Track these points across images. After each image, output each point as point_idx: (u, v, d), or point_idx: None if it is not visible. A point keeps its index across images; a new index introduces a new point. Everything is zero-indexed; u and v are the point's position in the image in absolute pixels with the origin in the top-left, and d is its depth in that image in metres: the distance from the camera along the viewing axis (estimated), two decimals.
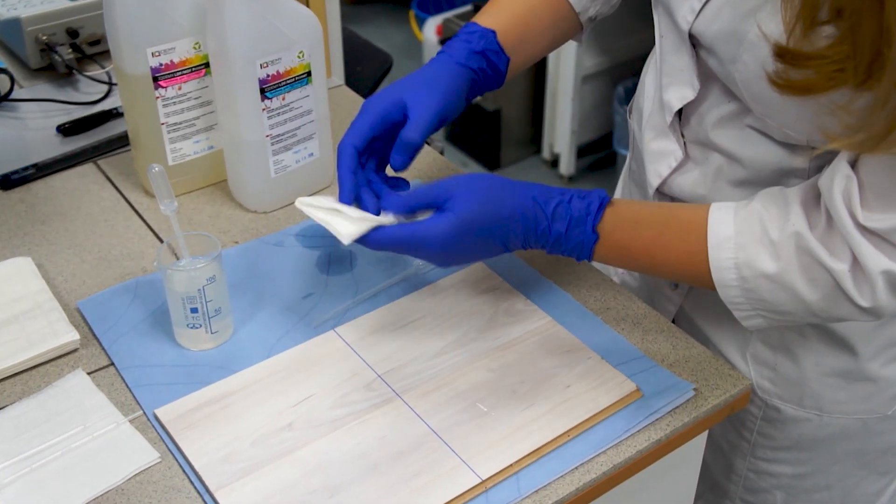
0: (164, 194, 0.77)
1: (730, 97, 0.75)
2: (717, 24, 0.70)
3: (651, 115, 0.83)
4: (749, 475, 0.90)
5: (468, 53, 0.79)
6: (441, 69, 0.78)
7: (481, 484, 0.68)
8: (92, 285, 0.86)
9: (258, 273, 0.87)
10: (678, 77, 0.77)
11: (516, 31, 0.82)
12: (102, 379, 0.77)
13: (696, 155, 0.80)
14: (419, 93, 0.76)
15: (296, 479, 0.68)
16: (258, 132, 0.91)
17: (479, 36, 0.80)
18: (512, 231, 0.72)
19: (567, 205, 0.72)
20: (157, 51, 0.90)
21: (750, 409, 0.86)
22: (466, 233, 0.70)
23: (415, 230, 0.71)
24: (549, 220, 0.72)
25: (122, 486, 0.68)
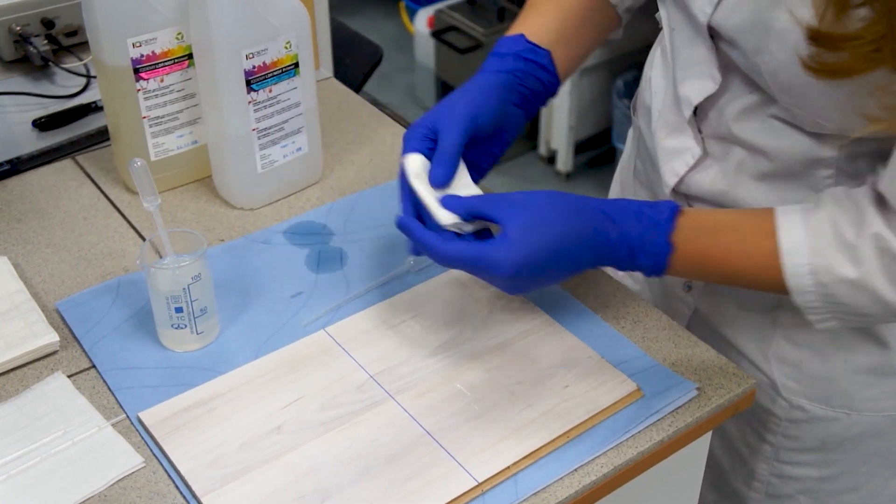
0: (146, 190, 0.77)
1: (751, 88, 0.75)
2: (739, 14, 0.71)
3: (663, 112, 0.83)
4: (772, 480, 0.90)
5: (498, 61, 0.81)
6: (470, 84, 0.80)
7: (478, 487, 0.68)
8: (71, 285, 0.87)
9: (245, 272, 0.88)
10: (695, 70, 0.77)
11: (549, 28, 0.83)
12: (83, 382, 0.77)
13: (716, 150, 0.80)
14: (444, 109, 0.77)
15: (285, 484, 0.68)
16: (244, 126, 0.91)
17: (509, 42, 0.82)
18: (584, 249, 0.71)
19: (637, 216, 0.72)
20: (137, 41, 0.90)
21: (773, 410, 0.87)
22: (538, 256, 0.70)
23: (482, 251, 0.70)
24: (620, 234, 0.72)
25: (105, 492, 0.69)
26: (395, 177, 1.01)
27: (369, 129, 1.09)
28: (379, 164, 1.04)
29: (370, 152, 1.05)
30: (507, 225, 0.70)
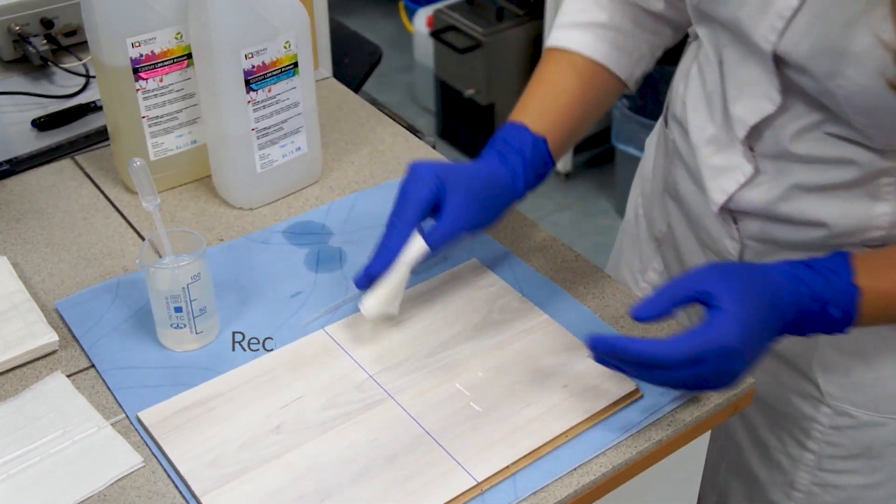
0: (146, 190, 0.77)
1: (812, 107, 0.73)
2: (808, 41, 0.69)
3: (705, 128, 0.81)
4: (813, 490, 0.90)
5: (499, 156, 0.80)
6: (480, 171, 0.79)
7: (477, 486, 0.68)
8: (71, 285, 0.87)
9: (244, 271, 0.88)
10: (749, 90, 0.75)
11: (553, 118, 0.82)
12: (83, 381, 0.77)
13: (768, 167, 0.78)
14: (457, 195, 0.76)
15: (285, 484, 0.68)
16: (243, 126, 0.91)
17: (513, 133, 0.81)
18: (787, 307, 0.69)
19: (812, 270, 0.70)
20: (137, 41, 0.90)
21: (816, 417, 0.86)
22: (755, 321, 0.67)
23: (707, 333, 0.66)
24: (809, 289, 0.69)
25: (105, 491, 0.69)
26: (394, 176, 1.01)
27: (368, 129, 1.09)
28: (378, 163, 1.04)
29: (369, 152, 1.05)
30: (721, 297, 0.67)
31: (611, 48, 0.85)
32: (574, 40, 0.85)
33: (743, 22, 0.73)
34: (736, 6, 0.73)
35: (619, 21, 0.85)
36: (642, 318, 0.69)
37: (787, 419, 0.89)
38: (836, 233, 0.77)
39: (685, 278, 0.70)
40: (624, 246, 1.07)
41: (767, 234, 0.82)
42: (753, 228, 0.82)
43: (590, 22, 0.85)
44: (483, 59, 2.46)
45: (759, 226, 0.81)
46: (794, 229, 0.80)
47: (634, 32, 0.86)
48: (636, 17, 0.87)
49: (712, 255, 0.88)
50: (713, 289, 0.68)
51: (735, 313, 0.67)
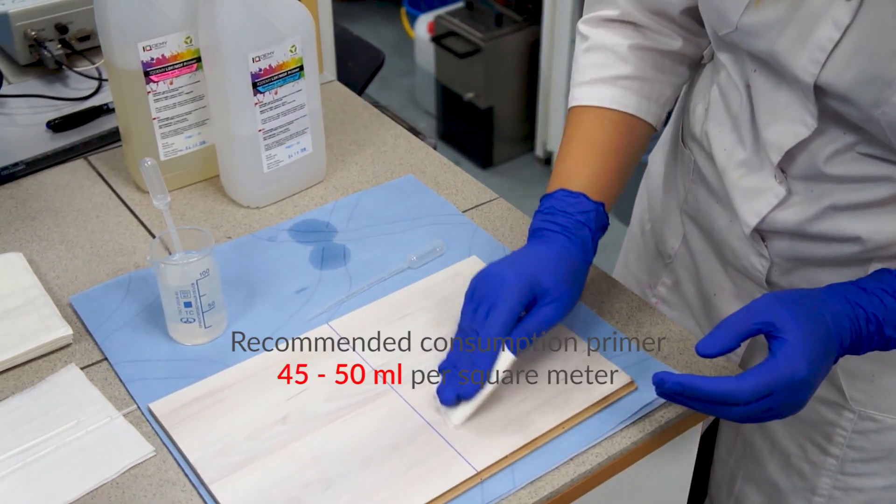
0: (157, 188, 0.77)
1: (847, 129, 0.72)
2: (851, 71, 0.68)
3: (734, 151, 0.80)
4: (835, 494, 0.89)
5: (564, 233, 0.76)
6: (560, 259, 0.74)
7: (476, 475, 0.69)
8: (84, 281, 0.87)
9: (251, 268, 0.88)
10: (783, 114, 0.74)
11: (602, 179, 0.80)
12: (96, 374, 0.77)
13: (800, 189, 0.77)
14: (560, 286, 0.72)
15: (290, 473, 0.69)
16: (250, 127, 0.92)
17: (569, 202, 0.78)
18: (844, 332, 0.69)
19: (867, 292, 0.69)
20: (148, 45, 0.90)
21: (839, 422, 0.86)
22: (818, 348, 0.66)
23: (775, 366, 0.65)
24: (865, 311, 0.69)
25: (117, 479, 0.69)
26: (396, 176, 1.01)
27: (371, 131, 1.09)
28: (381, 163, 1.04)
29: (372, 153, 1.06)
30: (785, 329, 0.66)
31: (640, 98, 0.83)
32: (605, 97, 0.82)
33: (780, 55, 0.71)
34: (771, 40, 0.72)
35: (642, 70, 0.84)
36: (708, 353, 0.68)
37: (809, 425, 0.88)
38: (870, 247, 0.76)
39: (746, 311, 0.68)
40: (629, 259, 1.06)
41: (798, 252, 0.81)
42: (783, 246, 0.81)
43: (615, 76, 0.83)
44: (482, 63, 2.46)
45: (789, 244, 0.80)
46: (826, 246, 0.79)
47: (657, 78, 0.85)
48: (656, 62, 0.85)
49: (733, 272, 0.87)
50: (777, 320, 0.67)
51: (801, 344, 0.66)
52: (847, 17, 0.67)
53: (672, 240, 0.96)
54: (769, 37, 0.72)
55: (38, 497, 0.67)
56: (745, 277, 0.86)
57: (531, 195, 2.51)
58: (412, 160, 1.04)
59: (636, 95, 0.83)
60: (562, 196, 0.79)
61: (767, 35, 0.72)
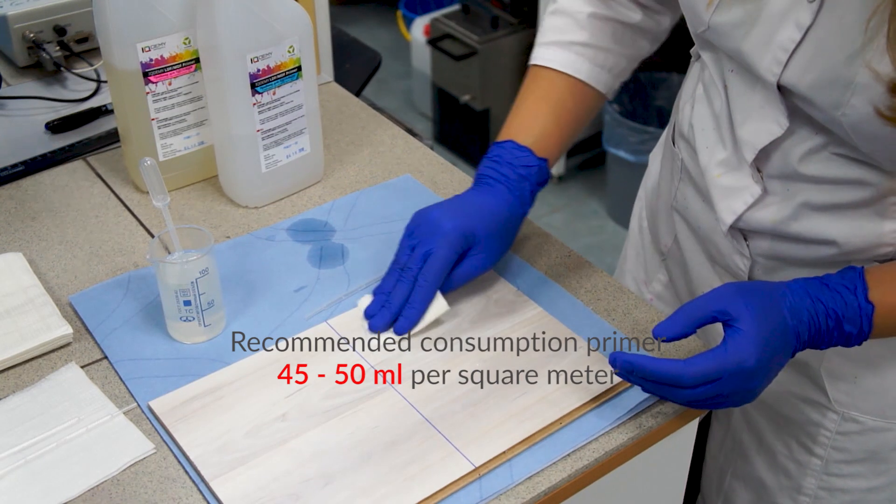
0: (156, 189, 0.78)
1: (819, 130, 0.73)
2: (812, 73, 0.69)
3: (714, 150, 0.81)
4: (820, 494, 0.90)
5: (507, 183, 0.82)
6: (495, 210, 0.80)
7: (474, 471, 0.69)
8: (84, 280, 0.87)
9: (250, 267, 0.89)
10: (757, 114, 0.75)
11: (550, 138, 0.84)
12: (96, 372, 0.78)
13: (776, 188, 0.78)
14: (483, 247, 0.80)
15: (290, 469, 0.69)
16: (249, 127, 0.92)
17: (509, 152, 0.83)
18: (800, 325, 0.69)
19: (826, 288, 0.70)
20: (146, 46, 0.91)
21: (823, 423, 0.86)
22: (769, 339, 0.67)
23: (725, 353, 0.67)
24: (824, 306, 0.69)
25: (118, 476, 0.69)
26: (393, 175, 1.02)
27: (368, 131, 1.10)
28: (378, 163, 1.04)
29: (370, 153, 1.06)
30: (739, 318, 0.67)
31: (592, 66, 0.86)
32: (558, 60, 0.86)
33: (746, 54, 0.73)
34: (739, 39, 0.73)
35: (598, 39, 0.87)
36: (664, 336, 0.69)
37: (794, 425, 0.89)
38: (846, 250, 0.77)
39: (705, 298, 0.70)
40: (628, 256, 1.07)
41: (777, 252, 0.81)
42: (763, 246, 0.82)
43: (571, 41, 0.86)
44: (478, 66, 2.47)
45: (769, 244, 0.81)
46: (804, 247, 0.79)
47: (613, 49, 0.87)
48: (615, 33, 0.87)
49: (721, 271, 0.88)
50: (732, 309, 0.68)
51: (753, 334, 0.67)
52: (808, 18, 0.68)
53: (665, 237, 0.97)
54: (736, 36, 0.73)
55: (39, 494, 0.67)
56: (730, 276, 0.87)
57: None
58: (409, 160, 1.05)
59: (588, 62, 0.86)
60: (510, 148, 0.84)
61: (735, 34, 0.73)
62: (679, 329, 0.69)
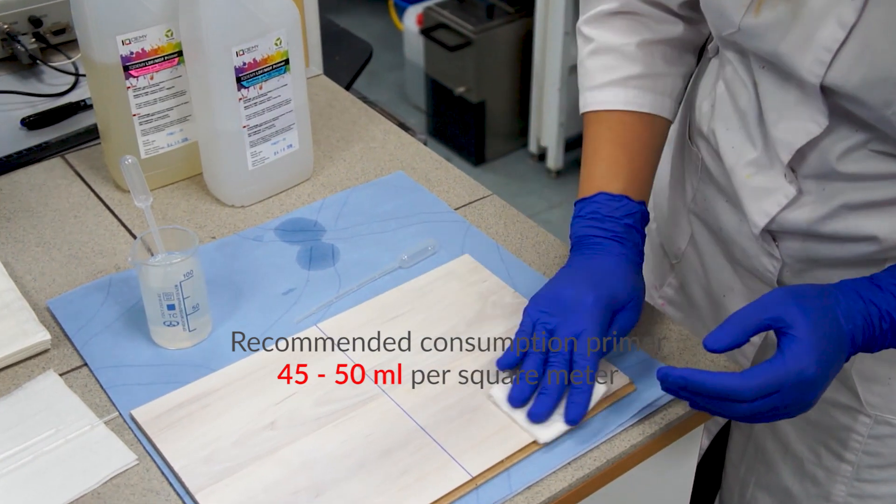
0: (138, 188, 0.78)
1: (858, 127, 0.72)
2: (859, 72, 0.68)
3: (743, 150, 0.80)
4: (851, 501, 0.89)
5: (618, 240, 0.79)
6: (623, 276, 0.77)
7: (471, 481, 0.69)
8: (62, 284, 0.87)
9: (237, 269, 0.88)
10: (792, 112, 0.74)
11: (638, 179, 0.82)
12: (75, 380, 0.77)
13: (811, 188, 0.77)
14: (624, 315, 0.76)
15: (279, 479, 0.69)
16: (235, 123, 0.92)
17: (607, 205, 0.80)
18: (853, 337, 0.69)
19: (881, 289, 0.70)
20: (127, 38, 0.90)
21: (854, 427, 0.86)
22: (827, 346, 0.67)
23: (783, 364, 0.66)
24: (878, 308, 0.69)
25: (99, 489, 0.69)
26: (385, 173, 1.02)
27: (360, 126, 1.10)
28: (370, 160, 1.04)
29: (361, 149, 1.06)
30: (795, 325, 0.67)
31: (654, 95, 0.85)
32: (620, 100, 0.84)
33: (784, 56, 0.72)
34: (775, 41, 0.72)
35: (651, 67, 0.85)
36: (715, 348, 0.68)
37: (823, 430, 0.89)
38: (887, 247, 0.77)
39: (756, 305, 0.69)
40: None
41: (810, 253, 0.81)
42: (794, 247, 0.81)
43: (626, 76, 0.84)
44: (473, 56, 2.47)
45: (801, 244, 0.81)
46: (839, 246, 0.79)
47: (668, 71, 0.86)
48: (665, 55, 0.86)
49: (744, 273, 0.88)
50: (787, 316, 0.67)
51: (811, 342, 0.66)
52: (852, 16, 0.67)
53: (679, 240, 0.96)
54: (772, 38, 0.72)
55: None
56: (755, 278, 0.86)
57: (525, 192, 2.52)
58: (402, 156, 1.05)
59: (650, 93, 0.84)
60: (604, 200, 0.80)
61: (770, 37, 0.72)
62: (731, 340, 0.68)
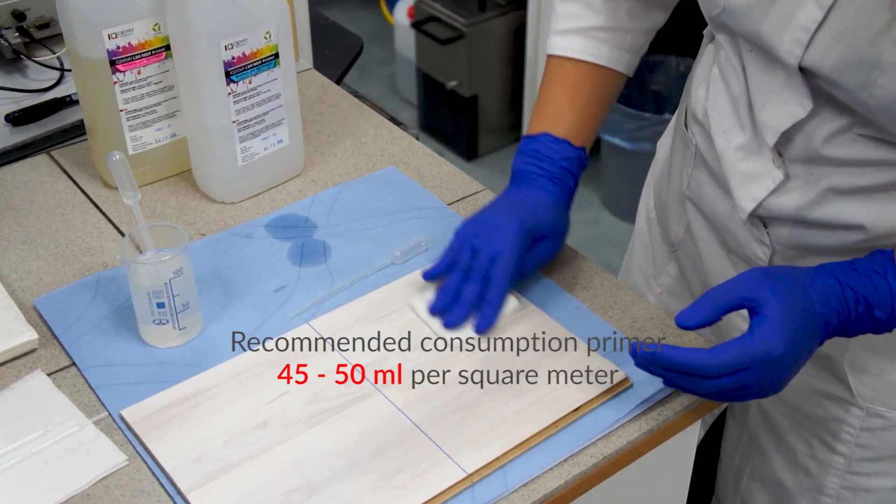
0: (126, 184, 0.77)
1: (842, 111, 0.73)
2: (835, 54, 0.69)
3: (732, 134, 0.81)
4: (843, 494, 0.90)
5: (552, 179, 0.85)
6: (546, 208, 0.84)
7: (467, 478, 0.69)
8: (49, 282, 0.87)
9: (227, 266, 0.88)
10: (778, 96, 0.75)
11: (583, 126, 0.88)
12: (63, 380, 0.77)
13: (799, 172, 0.78)
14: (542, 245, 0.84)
15: (272, 479, 0.69)
16: (224, 118, 0.92)
17: (546, 146, 0.87)
18: (827, 319, 0.70)
19: (855, 273, 0.71)
20: (113, 33, 0.90)
21: (846, 419, 0.87)
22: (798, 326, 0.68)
23: (752, 341, 0.67)
24: (854, 291, 0.70)
25: (89, 490, 0.69)
26: (377, 168, 1.02)
27: (351, 121, 1.10)
28: (361, 155, 1.04)
29: (352, 143, 1.06)
30: (766, 304, 0.68)
31: (612, 49, 0.88)
32: (577, 48, 0.88)
33: (764, 36, 0.73)
34: (756, 20, 0.73)
35: (615, 20, 0.88)
36: (687, 325, 0.69)
37: (815, 422, 0.89)
38: (874, 235, 0.77)
39: (729, 285, 0.70)
40: (635, 250, 1.07)
41: (799, 240, 0.82)
42: (784, 234, 0.82)
43: (588, 27, 0.88)
44: (465, 50, 2.47)
45: (791, 231, 0.82)
46: (828, 234, 0.80)
47: (631, 27, 0.89)
48: (630, 10, 0.89)
49: (737, 260, 0.88)
50: (759, 295, 0.68)
51: (780, 321, 0.67)
52: None
53: (676, 227, 0.97)
54: (754, 18, 0.73)
55: None
56: (747, 266, 0.87)
57: None
58: (394, 151, 1.05)
59: (608, 46, 0.88)
60: (547, 141, 0.87)
61: (752, 16, 0.74)
62: (703, 316, 0.69)
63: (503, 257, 0.80)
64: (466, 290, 0.80)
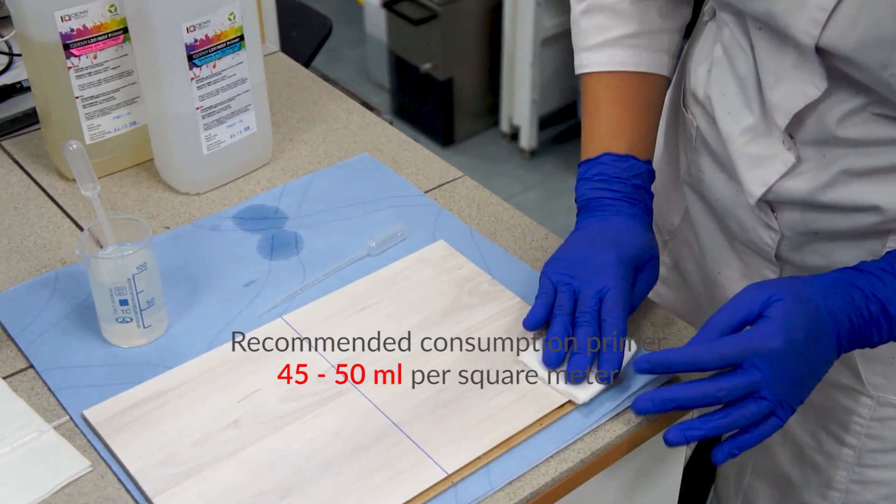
0: (84, 176, 0.77)
1: (857, 90, 0.73)
2: (855, 33, 0.69)
3: (739, 116, 0.81)
4: (852, 488, 0.90)
5: (628, 201, 0.82)
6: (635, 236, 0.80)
7: (448, 478, 0.69)
8: (3, 280, 0.86)
9: (193, 260, 0.88)
10: (789, 75, 0.75)
11: (644, 139, 0.85)
12: (20, 383, 0.77)
13: (811, 155, 0.78)
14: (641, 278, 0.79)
15: (244, 481, 0.69)
16: (187, 104, 0.91)
17: (613, 166, 0.83)
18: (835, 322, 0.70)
19: (863, 273, 0.71)
20: (66, 14, 0.89)
21: (856, 409, 0.87)
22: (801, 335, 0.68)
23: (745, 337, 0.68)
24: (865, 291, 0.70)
25: (50, 499, 0.68)
26: (350, 155, 1.02)
27: (321, 106, 1.09)
28: (333, 142, 1.04)
29: (323, 130, 1.06)
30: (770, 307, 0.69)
31: (650, 53, 0.86)
32: (615, 60, 0.86)
33: (778, 16, 0.73)
34: (769, 1, 0.73)
35: (647, 24, 0.86)
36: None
37: (823, 413, 0.90)
38: (890, 217, 0.78)
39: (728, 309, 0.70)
40: None
41: (810, 224, 0.82)
42: (794, 218, 0.82)
43: (620, 36, 0.86)
44: (440, 31, 2.46)
45: (800, 215, 0.82)
46: (841, 217, 0.80)
47: (663, 27, 0.87)
48: (660, 10, 0.87)
49: (741, 248, 0.89)
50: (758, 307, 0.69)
51: (778, 318, 0.68)
52: None
53: (672, 214, 0.97)
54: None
55: None
56: (752, 253, 0.88)
57: (497, 174, 2.53)
58: (367, 137, 1.05)
59: (646, 52, 0.86)
60: (610, 161, 0.83)
61: None
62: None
63: (612, 295, 0.75)
64: (580, 336, 0.74)
